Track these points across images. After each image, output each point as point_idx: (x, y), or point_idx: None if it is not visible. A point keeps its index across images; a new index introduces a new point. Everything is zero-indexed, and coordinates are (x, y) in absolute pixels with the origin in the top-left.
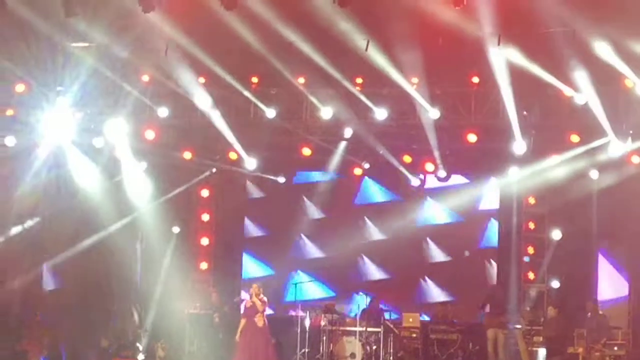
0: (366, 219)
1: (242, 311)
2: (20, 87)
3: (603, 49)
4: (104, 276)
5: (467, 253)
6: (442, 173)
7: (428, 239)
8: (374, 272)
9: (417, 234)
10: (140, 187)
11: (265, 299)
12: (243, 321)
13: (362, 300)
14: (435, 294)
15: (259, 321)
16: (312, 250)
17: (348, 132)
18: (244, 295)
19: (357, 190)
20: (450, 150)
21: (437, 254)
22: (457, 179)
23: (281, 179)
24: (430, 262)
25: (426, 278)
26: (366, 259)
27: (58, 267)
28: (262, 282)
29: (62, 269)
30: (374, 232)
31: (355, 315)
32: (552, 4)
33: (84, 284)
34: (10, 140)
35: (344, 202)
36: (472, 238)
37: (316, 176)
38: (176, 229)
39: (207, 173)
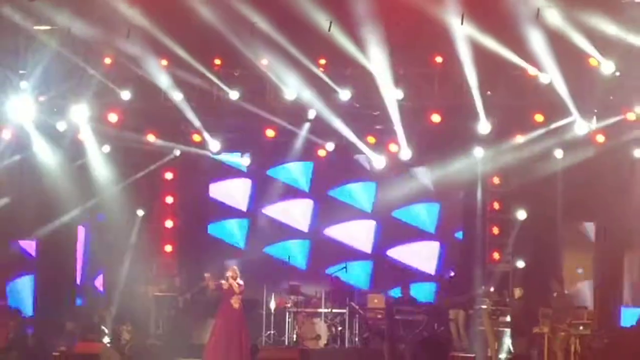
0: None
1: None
2: None
3: (567, 28)
4: (68, 259)
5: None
6: (406, 154)
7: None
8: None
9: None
10: (103, 171)
11: (241, 282)
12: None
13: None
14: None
15: (235, 303)
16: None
17: (312, 114)
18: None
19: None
20: (414, 131)
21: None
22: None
23: (245, 161)
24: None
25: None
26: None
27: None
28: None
29: (26, 252)
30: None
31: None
32: None
33: (49, 267)
34: None
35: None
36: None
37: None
38: (140, 212)
39: (171, 156)
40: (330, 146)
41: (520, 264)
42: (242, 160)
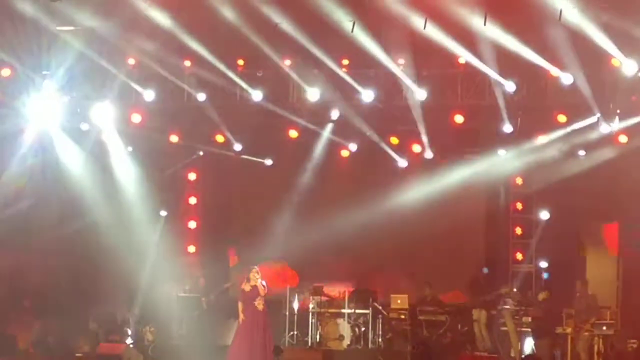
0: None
1: (239, 295)
2: (5, 72)
3: (589, 28)
4: (92, 261)
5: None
6: (429, 154)
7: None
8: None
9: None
10: (126, 171)
11: (265, 283)
12: (241, 305)
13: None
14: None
15: (259, 305)
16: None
17: (335, 114)
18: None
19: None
20: (436, 131)
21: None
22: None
23: (268, 162)
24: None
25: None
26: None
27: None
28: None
29: (49, 253)
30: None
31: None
32: None
33: (72, 268)
34: None
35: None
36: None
37: None
38: (163, 213)
39: (194, 156)
40: (352, 147)
41: (544, 264)
42: (265, 162)
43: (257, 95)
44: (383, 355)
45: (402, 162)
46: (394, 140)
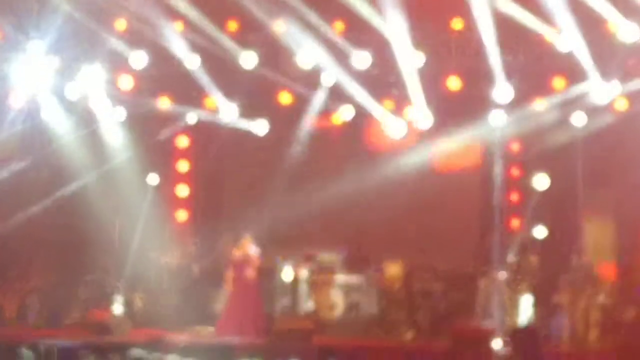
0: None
1: (230, 263)
2: None
3: None
4: (80, 227)
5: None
6: (423, 120)
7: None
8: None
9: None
10: (116, 136)
11: (257, 251)
12: (231, 273)
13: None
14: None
15: (251, 274)
16: None
17: (328, 79)
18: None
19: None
20: (432, 97)
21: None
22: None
23: (261, 128)
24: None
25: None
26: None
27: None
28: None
29: (37, 221)
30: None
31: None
32: None
33: (60, 235)
34: None
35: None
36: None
37: None
38: (154, 179)
39: (185, 122)
40: (346, 112)
41: (540, 231)
42: (258, 127)
43: (249, 59)
44: (376, 323)
45: (397, 128)
46: (388, 105)
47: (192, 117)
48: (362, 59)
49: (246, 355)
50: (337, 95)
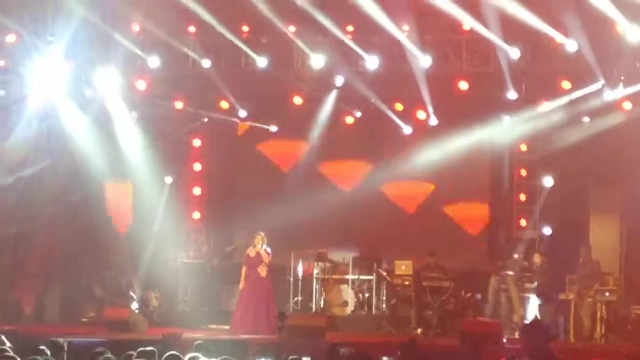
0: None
1: (244, 260)
2: (11, 38)
3: None
4: (97, 227)
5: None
6: (433, 121)
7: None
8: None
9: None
10: (131, 138)
11: (269, 249)
12: (245, 269)
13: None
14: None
15: (262, 271)
16: None
17: (339, 80)
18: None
19: None
20: (441, 98)
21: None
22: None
23: (273, 128)
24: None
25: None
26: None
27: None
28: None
29: (54, 220)
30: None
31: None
32: None
33: (77, 234)
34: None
35: None
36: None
37: None
38: (169, 179)
39: (199, 123)
40: (357, 113)
41: (547, 230)
42: (270, 128)
43: (261, 61)
44: (387, 320)
45: (407, 129)
46: (399, 106)
47: (205, 118)
48: (372, 60)
49: (259, 352)
50: (349, 96)
